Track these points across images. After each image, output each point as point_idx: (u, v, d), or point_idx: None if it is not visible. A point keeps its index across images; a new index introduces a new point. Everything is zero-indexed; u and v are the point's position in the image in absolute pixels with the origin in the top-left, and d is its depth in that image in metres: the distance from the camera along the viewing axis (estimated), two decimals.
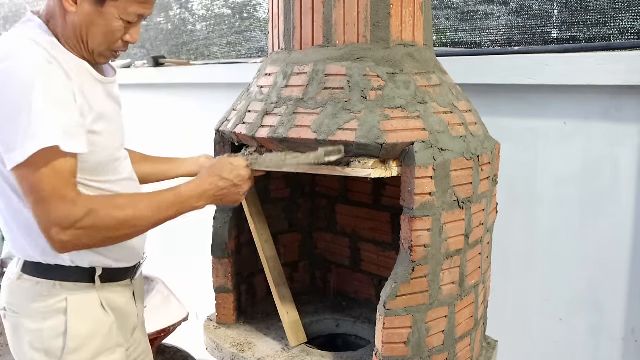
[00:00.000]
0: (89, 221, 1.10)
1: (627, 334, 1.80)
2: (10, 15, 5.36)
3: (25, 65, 1.10)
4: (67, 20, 1.21)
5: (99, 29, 1.22)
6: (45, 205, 1.08)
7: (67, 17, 1.20)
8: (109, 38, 1.24)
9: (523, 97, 1.90)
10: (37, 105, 1.07)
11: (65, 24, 1.21)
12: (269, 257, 1.73)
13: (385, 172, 1.31)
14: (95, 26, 1.21)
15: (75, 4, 1.18)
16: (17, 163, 1.06)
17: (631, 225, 1.75)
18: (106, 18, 1.21)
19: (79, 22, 1.20)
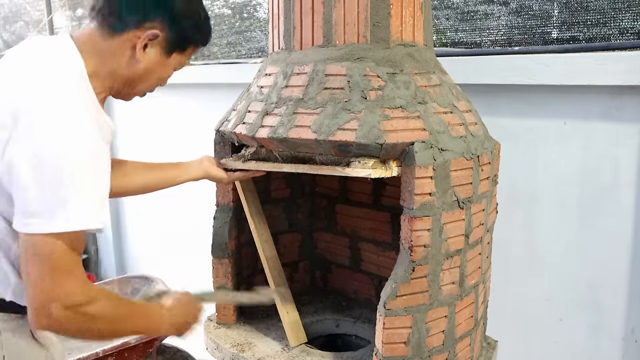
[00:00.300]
0: (91, 309, 1.08)
1: (627, 334, 1.80)
2: (10, 16, 5.36)
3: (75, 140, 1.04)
4: (124, 63, 1.19)
5: (155, 76, 1.25)
6: (53, 279, 1.03)
7: (128, 61, 1.19)
8: (158, 83, 1.28)
9: (523, 97, 1.90)
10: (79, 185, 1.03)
11: (119, 66, 1.19)
12: (269, 257, 1.73)
13: (385, 172, 1.31)
14: (154, 73, 1.24)
15: (145, 51, 1.18)
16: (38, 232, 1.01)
17: (631, 225, 1.75)
18: (167, 67, 1.25)
19: (141, 69, 1.20)
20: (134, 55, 1.18)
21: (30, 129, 1.02)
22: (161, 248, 3.57)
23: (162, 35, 1.18)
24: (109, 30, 1.16)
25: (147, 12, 1.15)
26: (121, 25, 1.15)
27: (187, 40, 1.24)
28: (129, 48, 1.17)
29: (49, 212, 1.01)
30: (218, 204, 1.77)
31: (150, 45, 1.18)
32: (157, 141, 3.59)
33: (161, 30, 1.17)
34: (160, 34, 1.17)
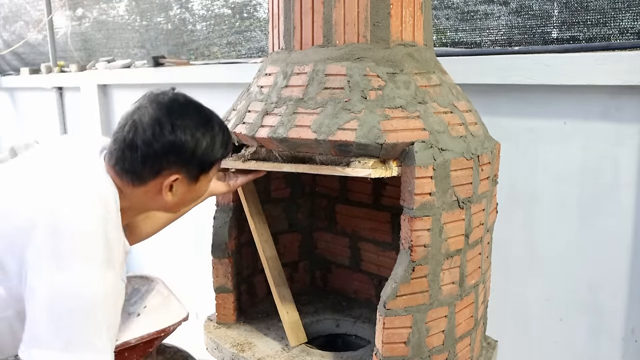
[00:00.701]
0: None
1: (627, 334, 1.80)
2: (11, 16, 5.36)
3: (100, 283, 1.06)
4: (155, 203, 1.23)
5: (190, 199, 1.29)
6: None
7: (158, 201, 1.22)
8: (198, 199, 1.32)
9: (523, 97, 1.90)
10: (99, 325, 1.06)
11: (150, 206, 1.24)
12: (269, 257, 1.73)
13: (385, 172, 1.31)
14: (188, 200, 1.27)
15: (171, 190, 1.21)
16: None
17: (631, 225, 1.75)
18: (199, 189, 1.27)
19: (173, 203, 1.24)
20: (162, 197, 1.21)
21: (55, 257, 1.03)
22: (161, 248, 3.57)
23: (182, 175, 1.20)
24: (130, 182, 1.18)
25: (159, 165, 1.16)
26: (139, 180, 1.18)
27: (209, 163, 1.23)
28: (154, 192, 1.20)
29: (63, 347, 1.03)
30: (218, 204, 1.77)
31: (175, 184, 1.20)
32: None
33: (179, 172, 1.19)
34: (180, 175, 1.19)
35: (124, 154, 1.15)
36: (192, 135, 1.16)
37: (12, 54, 5.28)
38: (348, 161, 1.35)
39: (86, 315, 1.04)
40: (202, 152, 1.19)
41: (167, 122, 1.14)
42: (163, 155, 1.15)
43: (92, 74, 3.99)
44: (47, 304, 1.03)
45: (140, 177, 1.17)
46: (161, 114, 1.15)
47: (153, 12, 3.80)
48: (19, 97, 5.51)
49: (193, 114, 1.19)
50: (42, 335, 1.03)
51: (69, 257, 1.04)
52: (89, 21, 4.47)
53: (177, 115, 1.15)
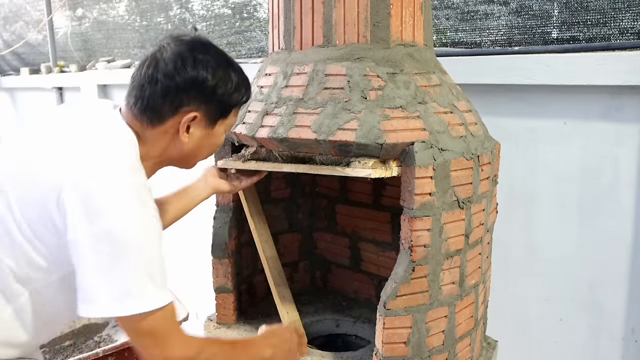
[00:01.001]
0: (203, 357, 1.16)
1: (627, 334, 1.80)
2: (11, 15, 5.36)
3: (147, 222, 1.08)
4: (171, 147, 1.21)
5: (208, 147, 1.26)
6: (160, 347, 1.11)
7: (174, 145, 1.20)
8: (214, 149, 1.29)
9: (523, 97, 1.90)
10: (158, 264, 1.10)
11: (167, 150, 1.21)
12: (269, 257, 1.73)
13: (385, 172, 1.31)
14: (204, 146, 1.25)
15: (188, 132, 1.19)
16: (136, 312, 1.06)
17: (631, 225, 1.75)
18: (216, 136, 1.25)
19: (191, 148, 1.22)
20: (179, 139, 1.19)
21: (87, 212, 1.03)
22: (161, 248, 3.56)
23: (201, 114, 1.18)
24: (149, 122, 1.16)
25: (179, 100, 1.15)
26: (158, 118, 1.16)
27: (228, 106, 1.22)
28: (171, 134, 1.18)
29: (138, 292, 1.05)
30: (218, 204, 1.77)
31: (192, 125, 1.18)
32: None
33: (198, 110, 1.17)
34: (199, 114, 1.17)
35: (143, 90, 1.14)
36: (214, 72, 1.15)
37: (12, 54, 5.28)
38: (348, 161, 1.35)
39: (131, 258, 1.05)
40: (223, 92, 1.17)
41: (190, 57, 1.13)
42: (184, 90, 1.13)
43: (92, 74, 3.99)
44: (90, 258, 1.03)
45: (159, 114, 1.15)
46: (184, 49, 1.14)
47: (153, 12, 3.80)
48: (19, 97, 5.51)
49: (215, 53, 1.18)
50: (93, 289, 1.05)
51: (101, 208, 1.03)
52: (89, 21, 4.47)
53: (200, 52, 1.14)
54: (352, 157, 1.34)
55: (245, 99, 1.25)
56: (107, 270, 1.04)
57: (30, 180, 1.09)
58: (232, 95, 1.20)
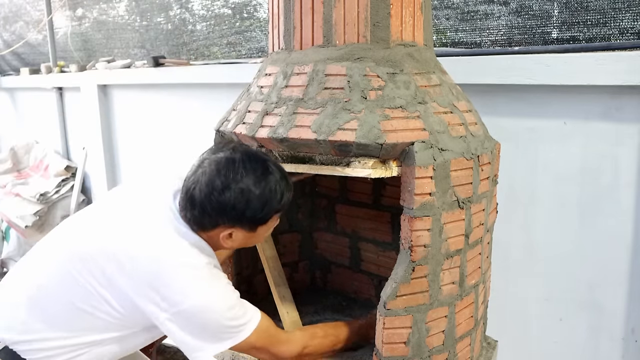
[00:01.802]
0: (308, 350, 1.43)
1: (627, 334, 1.80)
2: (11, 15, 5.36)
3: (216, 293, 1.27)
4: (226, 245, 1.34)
5: (256, 242, 1.43)
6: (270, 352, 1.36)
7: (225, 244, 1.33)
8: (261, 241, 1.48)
9: (523, 97, 1.90)
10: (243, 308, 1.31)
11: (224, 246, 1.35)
12: (269, 257, 1.73)
13: (385, 172, 1.31)
14: (250, 242, 1.39)
15: (230, 238, 1.31)
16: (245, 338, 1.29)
17: (631, 225, 1.75)
18: (259, 235, 1.35)
19: (238, 245, 1.37)
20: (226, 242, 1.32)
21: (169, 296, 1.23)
22: None
23: (237, 229, 1.29)
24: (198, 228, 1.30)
25: (214, 221, 1.27)
26: (202, 228, 1.29)
27: (264, 219, 1.30)
28: (216, 239, 1.31)
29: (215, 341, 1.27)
30: None
31: (234, 233, 1.30)
32: (158, 141, 3.59)
33: (234, 227, 1.29)
34: (234, 230, 1.29)
35: (187, 206, 1.27)
36: (243, 196, 1.24)
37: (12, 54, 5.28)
38: (348, 161, 1.35)
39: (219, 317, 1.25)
40: (255, 211, 1.26)
41: (219, 183, 1.23)
42: (217, 215, 1.25)
43: (92, 74, 3.99)
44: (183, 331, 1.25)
45: (202, 226, 1.29)
46: (215, 174, 1.24)
47: (153, 12, 3.80)
48: (19, 97, 5.51)
49: (247, 172, 1.25)
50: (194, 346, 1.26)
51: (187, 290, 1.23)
52: (89, 21, 4.47)
53: (230, 175, 1.23)
54: (352, 157, 1.34)
55: (283, 207, 1.32)
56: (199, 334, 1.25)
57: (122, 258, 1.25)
58: (265, 209, 1.27)
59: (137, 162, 3.86)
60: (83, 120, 4.23)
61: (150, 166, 3.71)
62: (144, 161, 3.78)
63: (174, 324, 1.24)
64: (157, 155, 3.62)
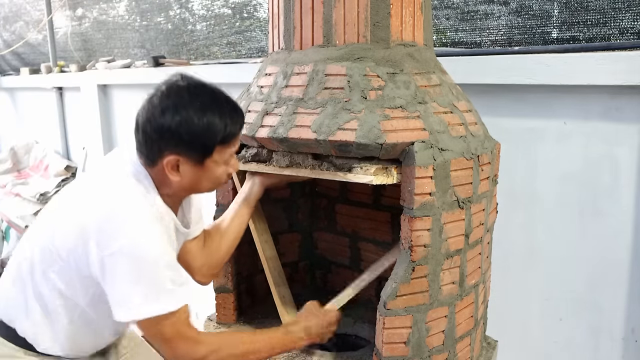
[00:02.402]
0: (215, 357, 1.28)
1: (627, 334, 1.80)
2: (11, 15, 5.36)
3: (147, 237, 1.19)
4: (173, 183, 1.27)
5: (206, 181, 1.30)
6: (171, 345, 1.25)
7: (172, 180, 1.26)
8: (216, 182, 1.33)
9: (523, 97, 1.90)
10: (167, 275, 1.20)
11: (171, 185, 1.28)
12: (269, 257, 1.73)
13: (386, 179, 1.32)
14: (203, 180, 1.29)
15: (178, 172, 1.25)
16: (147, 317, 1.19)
17: (631, 225, 1.75)
18: (210, 171, 1.28)
19: (186, 183, 1.28)
20: (174, 176, 1.25)
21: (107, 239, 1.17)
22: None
23: (183, 158, 1.23)
24: (147, 162, 1.26)
25: (157, 147, 1.22)
26: (150, 160, 1.25)
27: (208, 147, 1.24)
28: (167, 172, 1.25)
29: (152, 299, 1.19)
30: (218, 204, 1.77)
31: (180, 164, 1.24)
32: None
33: (179, 154, 1.22)
34: (180, 157, 1.23)
35: (135, 135, 1.24)
36: (182, 119, 1.18)
37: (12, 54, 5.28)
38: (350, 167, 1.35)
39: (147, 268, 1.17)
40: (195, 136, 1.20)
41: (159, 105, 1.20)
42: (158, 138, 1.20)
43: (92, 74, 3.99)
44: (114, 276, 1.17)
45: (149, 158, 1.24)
46: (157, 97, 1.21)
47: (153, 12, 3.80)
48: (19, 97, 5.51)
49: (192, 99, 1.21)
50: (121, 298, 1.18)
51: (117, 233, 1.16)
52: (89, 21, 4.47)
53: (173, 99, 1.20)
54: (354, 163, 1.35)
55: (230, 136, 1.25)
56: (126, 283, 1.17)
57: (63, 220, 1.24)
58: (209, 136, 1.21)
59: None
60: (83, 120, 4.23)
61: None
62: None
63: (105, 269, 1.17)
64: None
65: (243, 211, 1.60)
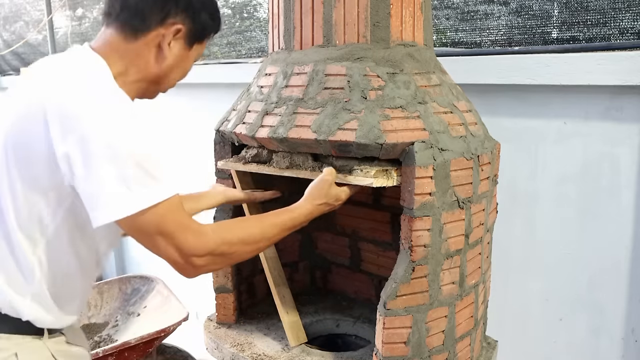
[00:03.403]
0: (224, 248, 1.15)
1: (627, 334, 1.80)
2: (11, 16, 5.36)
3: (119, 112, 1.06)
4: (152, 61, 1.20)
5: (181, 70, 1.27)
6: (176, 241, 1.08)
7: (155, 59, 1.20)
8: (183, 75, 1.29)
9: (523, 97, 1.90)
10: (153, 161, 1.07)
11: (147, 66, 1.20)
12: (269, 257, 1.73)
13: (387, 181, 1.32)
14: (179, 67, 1.26)
15: (169, 46, 1.20)
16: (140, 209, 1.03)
17: (631, 225, 1.75)
18: (189, 59, 1.27)
19: (168, 65, 1.22)
20: (161, 53, 1.20)
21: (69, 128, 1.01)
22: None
23: (185, 29, 1.20)
24: (132, 32, 1.17)
25: (168, 9, 1.17)
26: (144, 26, 1.16)
27: (206, 30, 1.26)
28: (154, 47, 1.19)
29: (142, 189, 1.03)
30: None
31: (174, 40, 1.20)
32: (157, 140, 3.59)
33: (183, 24, 1.19)
34: (183, 28, 1.20)
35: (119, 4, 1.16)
36: None
37: (12, 54, 5.28)
38: (350, 169, 1.35)
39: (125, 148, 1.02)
40: (205, 15, 1.22)
41: None
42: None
43: None
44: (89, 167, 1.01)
45: (146, 21, 1.16)
46: None
47: None
48: None
49: None
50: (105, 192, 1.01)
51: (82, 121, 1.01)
52: (89, 21, 4.47)
53: None
54: (354, 165, 1.35)
55: (218, 30, 1.30)
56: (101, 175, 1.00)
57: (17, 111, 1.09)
58: (212, 20, 1.25)
59: None
60: None
61: None
62: None
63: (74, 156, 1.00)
64: None
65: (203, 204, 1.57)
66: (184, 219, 1.10)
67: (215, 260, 1.15)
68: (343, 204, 1.40)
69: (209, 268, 1.15)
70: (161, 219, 1.06)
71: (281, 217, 1.30)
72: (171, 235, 1.07)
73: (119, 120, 1.04)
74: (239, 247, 1.19)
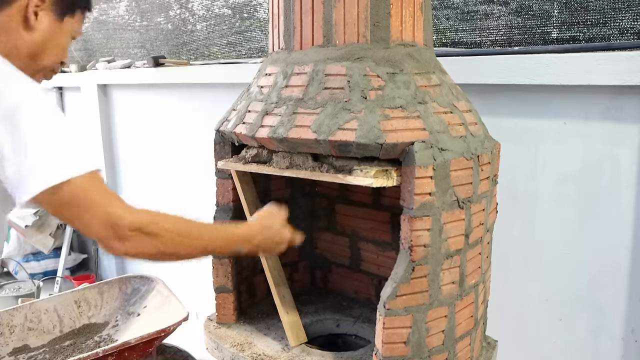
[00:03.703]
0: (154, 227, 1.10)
1: (627, 334, 1.80)
2: None
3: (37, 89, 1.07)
4: (21, 36, 1.17)
5: (56, 45, 1.23)
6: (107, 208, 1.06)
7: (24, 33, 1.17)
8: (61, 54, 1.26)
9: (523, 97, 1.90)
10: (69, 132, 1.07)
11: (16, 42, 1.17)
12: (268, 257, 1.73)
13: (387, 181, 1.32)
14: (53, 41, 1.22)
15: (36, 18, 1.17)
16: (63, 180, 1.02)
17: (631, 225, 1.75)
18: (63, 34, 1.23)
19: (39, 38, 1.19)
20: (28, 25, 1.17)
21: None
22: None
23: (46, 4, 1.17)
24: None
25: None
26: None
27: (74, 3, 1.24)
28: (21, 20, 1.16)
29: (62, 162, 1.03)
30: (218, 204, 1.77)
31: (41, 11, 1.17)
32: (157, 141, 3.59)
33: None
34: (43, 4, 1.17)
35: None
36: None
37: None
38: (350, 169, 1.35)
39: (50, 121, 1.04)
40: None
41: None
42: None
43: (92, 74, 3.99)
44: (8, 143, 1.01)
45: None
46: None
47: (153, 12, 3.80)
48: None
49: None
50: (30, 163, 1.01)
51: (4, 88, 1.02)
52: (89, 21, 4.47)
53: None
54: (354, 165, 1.35)
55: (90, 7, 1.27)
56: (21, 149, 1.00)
57: None
58: None
59: (137, 162, 3.86)
60: (83, 120, 4.23)
61: (150, 166, 3.71)
62: (144, 161, 3.77)
63: None
64: (157, 155, 3.62)
65: None
66: (111, 191, 1.08)
67: (144, 240, 1.08)
68: (343, 204, 1.39)
69: (136, 248, 1.08)
70: (87, 191, 1.04)
71: (226, 227, 1.30)
72: (97, 204, 1.05)
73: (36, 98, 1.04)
74: (170, 234, 1.12)
